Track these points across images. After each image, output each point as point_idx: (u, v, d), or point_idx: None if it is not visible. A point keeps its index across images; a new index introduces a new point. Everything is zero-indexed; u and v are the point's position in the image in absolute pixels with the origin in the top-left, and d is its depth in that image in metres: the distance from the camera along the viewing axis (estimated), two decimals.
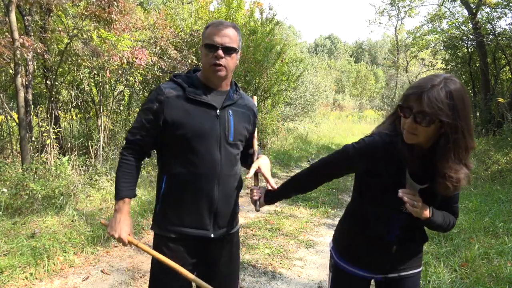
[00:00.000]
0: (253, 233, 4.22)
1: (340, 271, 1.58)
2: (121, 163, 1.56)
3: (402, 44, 16.06)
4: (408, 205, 1.31)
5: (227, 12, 9.27)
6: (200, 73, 1.64)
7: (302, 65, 12.41)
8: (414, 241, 1.50)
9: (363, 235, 1.50)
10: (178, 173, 1.56)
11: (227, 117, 1.60)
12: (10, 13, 4.43)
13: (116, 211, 1.53)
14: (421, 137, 1.25)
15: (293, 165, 9.08)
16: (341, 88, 34.80)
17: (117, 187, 1.54)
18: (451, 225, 1.46)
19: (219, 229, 1.63)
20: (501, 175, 6.18)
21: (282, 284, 3.10)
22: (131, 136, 1.57)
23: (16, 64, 4.58)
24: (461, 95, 1.20)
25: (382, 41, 48.48)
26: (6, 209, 3.92)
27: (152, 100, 1.54)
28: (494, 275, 2.94)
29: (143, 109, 1.57)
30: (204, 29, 1.59)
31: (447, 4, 11.65)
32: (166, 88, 1.55)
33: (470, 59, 10.76)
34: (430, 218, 1.36)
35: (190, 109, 1.54)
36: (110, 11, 4.97)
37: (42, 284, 2.91)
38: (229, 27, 1.55)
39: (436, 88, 1.18)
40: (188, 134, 1.52)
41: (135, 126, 1.57)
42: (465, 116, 1.21)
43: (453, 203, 1.46)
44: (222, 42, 1.51)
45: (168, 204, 1.59)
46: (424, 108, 1.18)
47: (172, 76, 1.64)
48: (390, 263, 1.50)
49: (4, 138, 6.32)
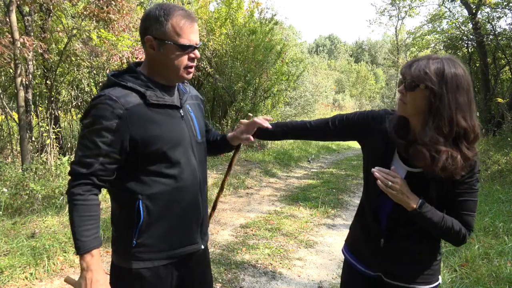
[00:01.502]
0: (253, 233, 4.22)
1: (346, 263, 1.58)
2: (76, 205, 1.20)
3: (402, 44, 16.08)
4: (380, 183, 1.24)
5: (226, 12, 9.27)
6: (145, 69, 1.36)
7: (302, 65, 12.42)
8: (405, 240, 1.36)
9: (360, 224, 1.51)
10: (157, 192, 1.30)
11: (189, 115, 1.42)
12: (11, 13, 4.44)
13: (84, 270, 1.19)
14: (409, 106, 1.24)
15: (293, 165, 9.08)
16: (341, 88, 34.80)
17: (78, 238, 1.19)
18: (458, 235, 1.26)
19: (204, 235, 1.50)
20: (501, 175, 6.18)
21: (282, 284, 3.10)
22: (85, 168, 1.20)
23: (16, 64, 4.58)
24: (454, 73, 1.19)
25: (382, 41, 48.49)
26: (6, 209, 3.92)
27: (107, 117, 1.20)
28: (494, 275, 2.94)
29: (94, 130, 1.21)
30: (161, 16, 1.25)
31: (447, 4, 11.65)
32: (119, 98, 1.23)
33: (470, 59, 10.76)
34: (416, 209, 1.23)
35: (156, 117, 1.29)
36: (109, 10, 4.97)
37: (42, 284, 2.91)
38: (195, 18, 1.33)
39: (429, 61, 1.21)
40: (163, 147, 1.28)
41: (87, 154, 1.21)
42: (455, 92, 1.19)
43: (461, 209, 1.26)
44: (197, 40, 1.31)
45: (152, 232, 1.32)
46: (412, 73, 1.21)
47: (111, 78, 1.31)
48: (379, 261, 1.42)
49: (4, 138, 6.33)
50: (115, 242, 1.39)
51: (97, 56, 5.42)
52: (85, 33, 5.41)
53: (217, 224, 4.52)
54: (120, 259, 1.36)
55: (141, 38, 1.34)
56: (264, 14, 10.25)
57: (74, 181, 1.22)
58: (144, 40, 1.30)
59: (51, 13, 5.68)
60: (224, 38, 9.46)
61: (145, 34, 1.29)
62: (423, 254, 1.37)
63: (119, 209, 1.35)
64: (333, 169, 8.86)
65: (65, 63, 5.89)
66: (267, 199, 5.85)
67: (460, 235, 1.26)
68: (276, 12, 13.53)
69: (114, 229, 1.39)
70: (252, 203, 5.59)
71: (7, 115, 5.85)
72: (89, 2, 5.36)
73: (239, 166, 7.71)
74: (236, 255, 3.60)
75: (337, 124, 1.50)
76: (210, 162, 7.55)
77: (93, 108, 1.23)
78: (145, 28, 1.29)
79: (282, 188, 6.71)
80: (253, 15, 9.94)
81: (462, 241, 1.29)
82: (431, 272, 1.37)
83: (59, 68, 5.81)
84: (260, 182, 7.03)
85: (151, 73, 1.34)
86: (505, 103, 8.70)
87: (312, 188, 6.66)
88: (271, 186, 6.86)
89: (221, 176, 6.78)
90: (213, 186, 5.86)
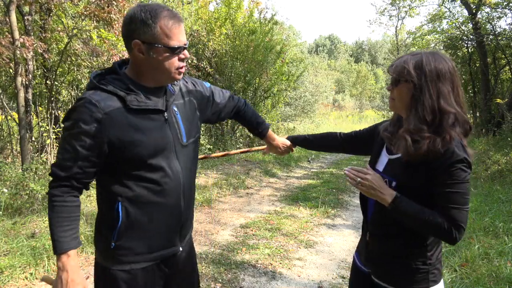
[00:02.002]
0: (253, 233, 4.22)
1: (353, 260, 1.62)
2: (54, 207, 1.21)
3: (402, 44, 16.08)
4: (350, 180, 1.30)
5: (226, 12, 9.28)
6: (132, 72, 1.31)
7: (302, 65, 12.43)
8: (388, 239, 1.36)
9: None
10: (137, 195, 1.28)
11: (174, 118, 1.37)
12: (11, 13, 4.44)
13: (60, 270, 1.20)
14: (396, 101, 1.33)
15: (293, 165, 9.08)
16: (341, 88, 34.80)
17: (55, 238, 1.20)
18: (440, 227, 1.19)
19: (184, 238, 1.48)
20: (501, 175, 6.18)
21: (282, 284, 3.10)
22: (64, 171, 1.21)
23: (16, 64, 4.58)
24: (433, 65, 1.24)
25: (382, 41, 48.48)
26: (6, 209, 3.92)
27: (86, 120, 1.18)
28: (494, 275, 2.94)
29: (73, 134, 1.20)
30: (148, 18, 1.20)
31: (447, 4, 11.65)
32: (100, 102, 1.20)
33: (470, 59, 10.76)
34: (391, 204, 1.24)
35: (136, 122, 1.25)
36: (110, 10, 4.97)
37: (42, 284, 2.91)
38: (181, 17, 1.29)
39: (409, 57, 1.29)
40: (142, 152, 1.25)
41: (66, 157, 1.21)
42: (436, 81, 1.23)
43: (444, 202, 1.20)
44: (185, 40, 1.28)
45: (130, 235, 1.31)
46: (394, 71, 1.30)
47: (93, 80, 1.27)
48: (366, 256, 1.47)
49: (4, 138, 6.33)
50: (96, 241, 1.40)
51: (98, 56, 5.41)
52: (86, 33, 5.41)
53: (217, 224, 4.52)
54: (101, 258, 1.38)
55: (125, 43, 1.27)
56: (264, 14, 10.26)
57: (53, 183, 1.23)
58: (131, 45, 1.24)
59: (52, 13, 5.68)
60: (224, 38, 9.46)
61: (132, 38, 1.23)
62: (403, 257, 1.33)
63: (100, 210, 1.36)
64: (333, 169, 8.86)
65: (65, 63, 5.89)
66: (267, 199, 5.85)
67: (442, 229, 1.19)
68: (276, 12, 13.52)
69: (95, 229, 1.41)
70: (252, 203, 5.59)
71: (7, 115, 5.85)
72: (89, 2, 5.36)
73: (239, 166, 7.71)
74: (236, 255, 3.60)
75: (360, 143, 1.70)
76: (210, 162, 7.55)
77: (74, 111, 1.21)
78: (131, 31, 1.23)
79: (282, 188, 6.71)
80: (252, 15, 9.95)
81: (449, 239, 1.20)
82: (418, 279, 1.31)
83: (59, 68, 5.81)
84: (260, 182, 7.03)
85: (138, 77, 1.30)
86: (505, 103, 8.70)
87: (312, 188, 6.66)
88: (271, 186, 6.86)
89: (221, 175, 6.79)
90: (213, 186, 5.86)
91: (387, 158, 1.38)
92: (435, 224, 1.19)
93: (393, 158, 1.35)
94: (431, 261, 1.32)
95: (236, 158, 8.42)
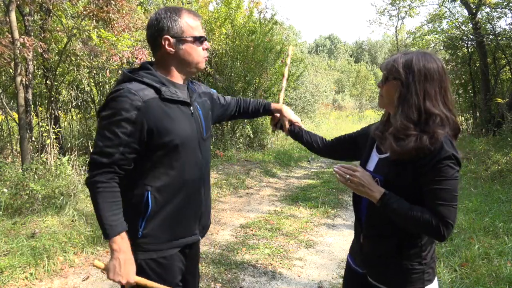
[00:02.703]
0: (253, 233, 4.22)
1: (346, 262, 1.62)
2: (102, 192, 1.28)
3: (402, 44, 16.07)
4: (339, 177, 1.33)
5: (226, 12, 9.27)
6: (160, 70, 1.43)
7: (302, 65, 12.42)
8: (382, 239, 1.35)
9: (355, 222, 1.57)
10: (166, 184, 1.37)
11: (197, 112, 1.50)
12: (11, 13, 4.44)
13: (117, 251, 1.29)
14: (385, 98, 1.35)
15: (293, 165, 9.08)
16: (341, 88, 34.80)
17: (108, 223, 1.27)
18: (429, 224, 1.19)
19: (203, 229, 1.59)
20: (501, 175, 6.17)
21: (282, 284, 3.10)
22: (107, 157, 1.27)
23: (16, 64, 4.58)
24: (422, 65, 1.25)
25: (382, 41, 48.48)
26: (6, 209, 3.92)
27: (126, 109, 1.27)
28: (494, 275, 2.94)
29: (114, 121, 1.27)
30: (173, 15, 1.38)
31: (447, 4, 11.64)
32: (138, 91, 1.30)
33: (470, 59, 10.75)
34: (380, 200, 1.25)
35: (169, 111, 1.36)
36: (108, 10, 4.97)
37: (42, 284, 2.91)
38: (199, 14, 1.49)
39: (400, 55, 1.31)
40: (175, 140, 1.35)
41: (107, 144, 1.27)
42: (423, 82, 1.25)
43: (432, 199, 1.20)
44: (204, 33, 1.46)
45: (157, 223, 1.38)
46: (385, 68, 1.33)
47: (128, 73, 1.38)
48: (361, 257, 1.46)
49: (4, 138, 6.33)
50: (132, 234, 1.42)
51: (97, 56, 5.41)
52: (85, 33, 5.40)
53: (217, 224, 4.52)
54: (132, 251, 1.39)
55: (153, 42, 1.41)
56: (263, 14, 10.26)
57: (96, 170, 1.29)
58: (160, 42, 1.38)
59: (51, 13, 5.68)
60: (224, 38, 9.45)
61: (161, 36, 1.37)
62: (397, 258, 1.32)
63: (127, 200, 1.37)
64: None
65: (65, 63, 5.89)
66: (267, 199, 5.84)
67: (430, 226, 1.18)
68: (275, 12, 13.51)
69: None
70: (252, 203, 5.59)
71: (7, 115, 5.85)
72: (89, 2, 5.35)
73: (239, 166, 7.71)
74: (236, 255, 3.60)
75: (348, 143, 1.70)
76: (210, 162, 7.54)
77: (113, 100, 1.29)
78: (159, 30, 1.37)
79: (282, 188, 6.71)
80: (252, 15, 9.95)
81: (438, 236, 1.19)
82: (414, 279, 1.31)
83: (59, 68, 5.81)
84: (260, 182, 7.03)
85: (167, 74, 1.43)
86: (505, 103, 8.69)
87: (312, 188, 6.66)
88: (271, 186, 6.86)
89: (221, 175, 6.78)
90: (213, 186, 5.86)
91: (377, 158, 1.39)
92: (423, 221, 1.19)
93: (382, 158, 1.36)
94: (426, 260, 1.32)
95: (236, 158, 8.42)
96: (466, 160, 7.37)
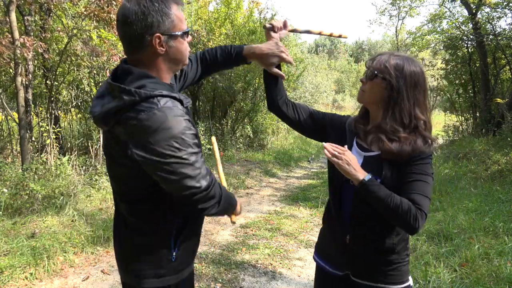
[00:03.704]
0: (253, 233, 4.22)
1: (317, 268, 1.58)
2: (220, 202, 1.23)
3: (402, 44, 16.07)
4: (327, 152, 1.29)
5: (226, 12, 9.28)
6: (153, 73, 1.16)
7: (302, 65, 12.42)
8: (369, 237, 1.38)
9: (327, 224, 1.54)
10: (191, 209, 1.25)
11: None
12: (11, 13, 4.44)
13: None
14: (366, 95, 1.36)
15: (293, 165, 9.08)
16: (341, 88, 34.78)
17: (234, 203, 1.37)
18: (410, 215, 1.22)
19: None
20: (501, 175, 6.17)
21: (282, 284, 3.10)
22: (207, 181, 1.14)
23: (16, 64, 4.58)
24: (412, 71, 1.30)
25: (382, 41, 48.47)
26: (6, 209, 3.92)
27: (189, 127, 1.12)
28: (494, 275, 2.93)
29: (192, 144, 1.10)
30: (163, 7, 1.10)
31: (447, 4, 11.64)
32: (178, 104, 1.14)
33: (470, 59, 10.75)
34: (362, 181, 1.24)
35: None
36: (110, 10, 4.96)
37: (42, 284, 2.91)
38: None
39: (391, 56, 1.32)
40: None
41: (199, 166, 1.13)
42: (413, 88, 1.30)
43: (411, 189, 1.26)
44: None
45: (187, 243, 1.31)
46: (374, 65, 1.33)
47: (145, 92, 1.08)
48: (346, 258, 1.42)
49: (4, 138, 6.33)
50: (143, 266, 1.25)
51: (97, 56, 5.41)
52: (85, 33, 5.41)
53: (217, 224, 4.52)
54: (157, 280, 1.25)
55: (136, 41, 1.11)
56: (264, 14, 10.26)
57: (206, 195, 1.17)
58: (150, 41, 1.10)
59: (51, 13, 5.68)
60: (224, 38, 9.45)
61: (150, 34, 1.09)
62: (389, 253, 1.37)
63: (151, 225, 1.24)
64: None
65: (65, 63, 5.89)
66: (267, 199, 5.84)
67: (409, 215, 1.22)
68: (276, 12, 13.50)
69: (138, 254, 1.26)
70: (252, 203, 5.59)
71: (7, 115, 5.85)
72: (89, 2, 5.36)
73: (239, 166, 7.71)
74: (236, 255, 3.60)
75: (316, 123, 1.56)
76: (210, 162, 7.55)
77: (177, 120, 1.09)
78: (147, 26, 1.08)
79: (282, 188, 6.71)
80: (252, 15, 9.95)
81: (413, 225, 1.23)
82: (398, 273, 1.38)
83: (59, 68, 5.81)
84: (260, 182, 7.03)
85: (160, 76, 1.18)
86: (505, 103, 8.69)
87: (312, 188, 6.66)
88: (271, 186, 6.86)
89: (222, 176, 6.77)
90: None
91: (362, 155, 1.38)
92: (403, 208, 1.23)
93: (368, 156, 1.36)
94: (408, 252, 1.43)
95: (236, 158, 8.42)
96: (466, 160, 7.37)
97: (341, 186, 1.40)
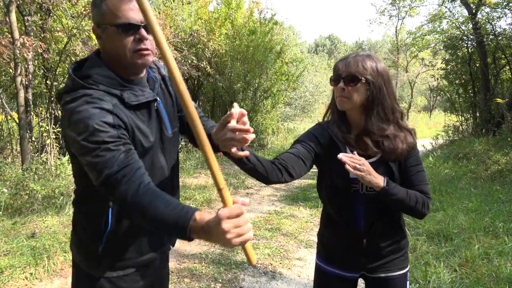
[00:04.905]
0: (253, 233, 4.22)
1: (321, 274, 1.54)
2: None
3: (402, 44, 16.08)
4: (349, 167, 1.21)
5: (226, 12, 9.28)
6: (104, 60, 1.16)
7: (302, 65, 12.43)
8: (383, 234, 1.42)
9: (333, 231, 1.50)
10: None
11: (158, 107, 1.23)
12: (11, 13, 4.44)
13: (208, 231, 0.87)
14: (352, 100, 1.33)
15: None
16: None
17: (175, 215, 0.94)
18: (423, 205, 1.34)
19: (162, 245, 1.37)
20: (501, 175, 6.17)
21: (282, 284, 3.10)
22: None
23: (16, 64, 4.58)
24: (383, 68, 1.35)
25: (382, 41, 48.45)
26: (6, 209, 3.92)
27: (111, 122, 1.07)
28: (494, 275, 2.93)
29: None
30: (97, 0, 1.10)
31: (447, 4, 11.65)
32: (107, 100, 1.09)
33: (470, 59, 10.75)
34: (384, 188, 1.27)
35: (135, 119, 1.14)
36: None
37: (42, 284, 2.91)
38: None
39: (362, 56, 1.34)
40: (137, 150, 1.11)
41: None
42: (389, 83, 1.35)
43: (417, 182, 1.37)
44: (139, 17, 1.08)
45: (120, 240, 1.21)
46: (351, 69, 1.31)
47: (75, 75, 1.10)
48: (364, 260, 1.44)
49: (4, 138, 6.33)
50: (77, 243, 1.26)
51: None
52: (85, 33, 5.41)
53: None
54: (84, 263, 1.24)
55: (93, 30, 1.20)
56: (263, 14, 10.26)
57: None
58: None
59: (51, 13, 5.68)
60: (224, 38, 9.46)
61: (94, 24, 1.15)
62: (398, 242, 1.46)
63: (83, 210, 1.23)
64: None
65: (65, 63, 5.89)
66: (267, 199, 5.85)
67: (422, 205, 1.35)
68: (275, 12, 13.51)
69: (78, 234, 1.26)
70: (252, 203, 5.59)
71: (7, 115, 5.85)
72: (89, 2, 5.35)
73: None
74: (236, 255, 3.60)
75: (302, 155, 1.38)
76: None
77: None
78: (91, 17, 1.16)
79: (282, 188, 6.72)
80: (252, 15, 9.95)
81: (425, 212, 1.36)
82: (403, 258, 1.47)
83: (59, 68, 5.81)
84: (260, 182, 7.03)
85: (113, 68, 1.14)
86: (505, 103, 8.69)
87: (312, 188, 6.65)
88: (271, 186, 6.87)
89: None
90: (213, 186, 5.85)
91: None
92: (418, 201, 1.34)
93: (371, 162, 1.33)
94: (407, 241, 1.53)
95: None
96: (466, 160, 7.38)
97: (350, 196, 1.38)
